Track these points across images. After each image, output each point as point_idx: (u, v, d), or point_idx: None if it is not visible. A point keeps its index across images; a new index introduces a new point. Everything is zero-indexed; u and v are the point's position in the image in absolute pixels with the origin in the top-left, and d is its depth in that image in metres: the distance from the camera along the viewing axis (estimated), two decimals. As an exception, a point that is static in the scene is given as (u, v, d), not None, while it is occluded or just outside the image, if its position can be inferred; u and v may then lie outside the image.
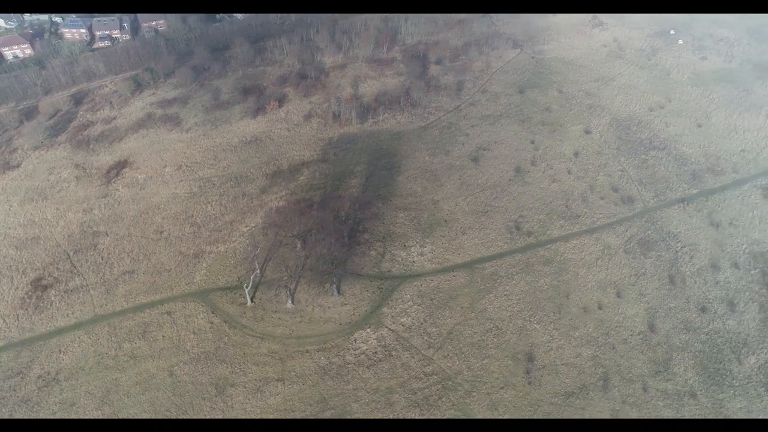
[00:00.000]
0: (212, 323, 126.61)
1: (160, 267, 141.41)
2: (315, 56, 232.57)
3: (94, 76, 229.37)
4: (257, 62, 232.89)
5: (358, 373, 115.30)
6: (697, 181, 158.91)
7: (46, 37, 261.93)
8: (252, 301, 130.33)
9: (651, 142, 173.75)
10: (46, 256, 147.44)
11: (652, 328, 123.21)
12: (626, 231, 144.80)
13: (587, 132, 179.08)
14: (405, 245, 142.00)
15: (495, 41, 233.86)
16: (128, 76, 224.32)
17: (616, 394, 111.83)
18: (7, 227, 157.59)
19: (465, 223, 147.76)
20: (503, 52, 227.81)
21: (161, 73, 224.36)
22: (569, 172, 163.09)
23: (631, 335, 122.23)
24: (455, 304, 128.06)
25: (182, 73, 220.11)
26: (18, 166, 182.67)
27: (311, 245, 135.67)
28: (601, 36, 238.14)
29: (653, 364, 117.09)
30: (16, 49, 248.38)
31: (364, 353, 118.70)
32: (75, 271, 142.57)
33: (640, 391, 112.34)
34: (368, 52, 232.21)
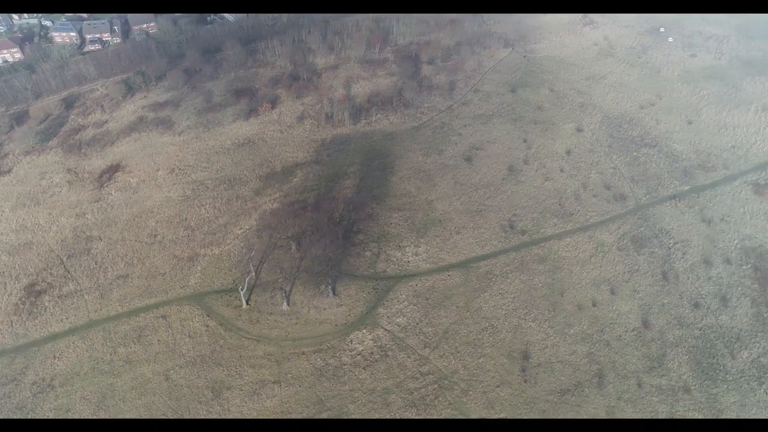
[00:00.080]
0: (208, 326, 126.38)
1: (154, 271, 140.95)
2: (307, 57, 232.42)
3: (85, 79, 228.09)
4: (249, 64, 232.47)
5: (355, 374, 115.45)
6: (689, 177, 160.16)
7: (35, 40, 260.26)
8: (247, 303, 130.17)
9: (642, 140, 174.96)
10: (39, 261, 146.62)
11: (646, 324, 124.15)
12: (619, 228, 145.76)
13: (579, 130, 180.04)
14: (400, 245, 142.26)
15: (487, 41, 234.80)
16: (119, 79, 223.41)
17: (611, 391, 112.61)
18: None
19: (459, 222, 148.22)
20: (495, 52, 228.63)
21: (153, 76, 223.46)
22: (562, 171, 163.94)
23: (626, 332, 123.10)
24: (450, 304, 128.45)
25: (174, 76, 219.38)
26: (9, 171, 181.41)
27: (306, 247, 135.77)
28: (592, 34, 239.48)
29: (648, 360, 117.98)
30: (5, 53, 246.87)
31: (360, 354, 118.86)
32: (69, 276, 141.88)
33: (635, 387, 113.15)
34: (360, 52, 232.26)
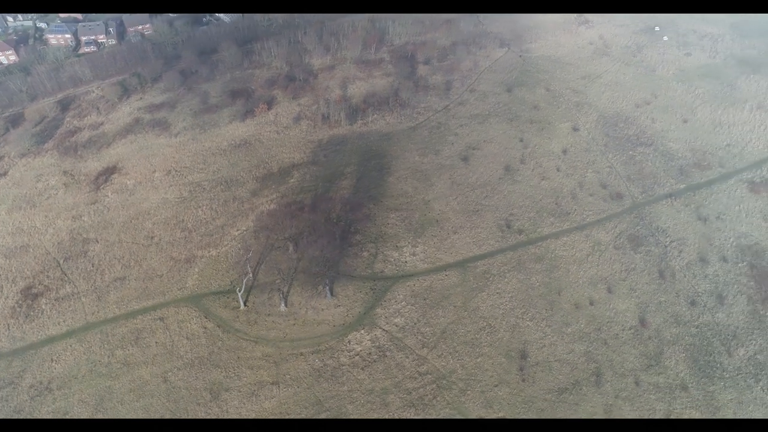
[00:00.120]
0: (205, 328, 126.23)
1: (151, 273, 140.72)
2: (303, 58, 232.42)
3: (81, 81, 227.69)
4: (245, 65, 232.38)
5: (353, 375, 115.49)
6: (684, 176, 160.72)
7: (30, 42, 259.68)
8: (245, 304, 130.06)
9: (638, 138, 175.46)
10: (35, 264, 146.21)
11: (643, 322, 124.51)
12: (616, 227, 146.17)
13: (575, 129, 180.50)
14: (397, 246, 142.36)
15: (482, 40, 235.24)
16: (115, 81, 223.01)
17: (609, 389, 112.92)
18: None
19: (456, 222, 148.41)
20: (491, 51, 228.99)
21: (148, 77, 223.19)
22: (558, 170, 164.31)
23: (623, 330, 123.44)
24: (448, 304, 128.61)
25: (170, 78, 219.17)
26: (5, 174, 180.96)
27: (303, 248, 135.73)
28: (587, 34, 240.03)
29: (645, 358, 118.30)
30: (0, 55, 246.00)
31: (358, 354, 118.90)
32: (65, 278, 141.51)
33: (633, 386, 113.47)
34: (356, 53, 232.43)
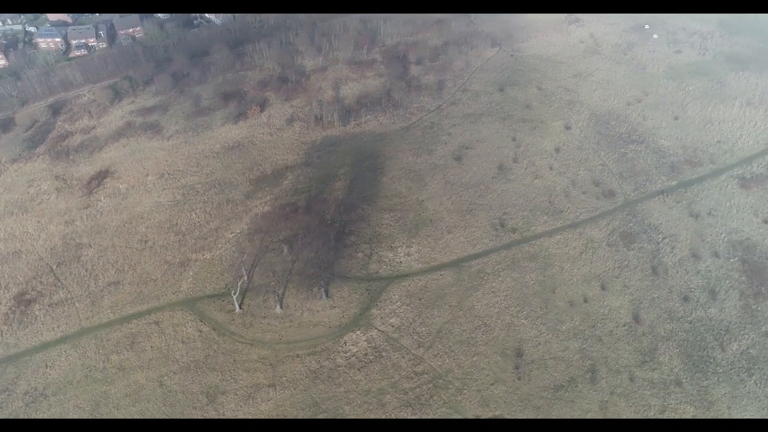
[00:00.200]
0: (201, 331, 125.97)
1: (145, 277, 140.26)
2: (295, 59, 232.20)
3: (72, 85, 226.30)
4: (237, 67, 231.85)
5: (349, 376, 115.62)
6: (676, 172, 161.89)
7: (20, 47, 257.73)
8: (240, 307, 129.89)
9: (630, 136, 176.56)
10: (28, 270, 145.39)
11: (637, 319, 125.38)
12: (608, 224, 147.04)
13: (567, 128, 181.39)
14: (392, 246, 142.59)
15: (474, 40, 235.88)
16: (106, 84, 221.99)
17: (604, 386, 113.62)
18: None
19: (450, 222, 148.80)
20: (482, 51, 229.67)
21: (140, 80, 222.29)
22: (551, 168, 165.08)
23: (617, 327, 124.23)
24: (443, 303, 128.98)
25: (161, 81, 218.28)
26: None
27: (298, 249, 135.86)
28: (578, 32, 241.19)
29: (639, 354, 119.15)
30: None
31: (354, 355, 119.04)
32: (59, 284, 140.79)
33: (627, 382, 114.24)
34: (348, 54, 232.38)
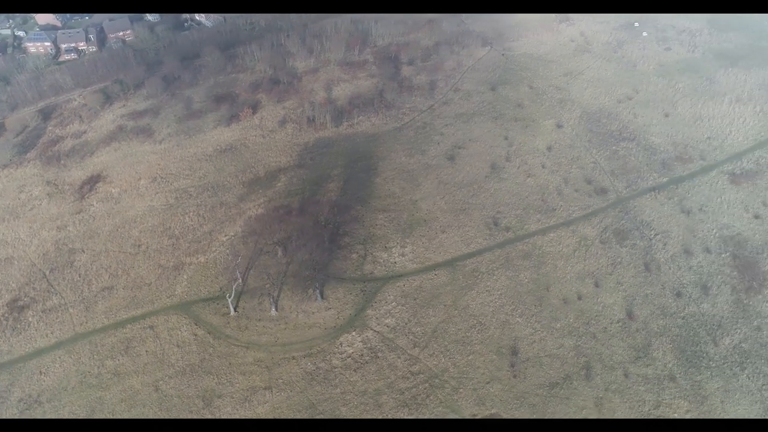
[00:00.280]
0: (196, 335, 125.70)
1: (139, 281, 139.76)
2: (287, 61, 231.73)
3: (62, 89, 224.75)
4: (228, 69, 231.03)
5: (346, 377, 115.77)
6: (667, 169, 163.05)
7: (9, 51, 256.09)
8: (235, 310, 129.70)
9: (621, 134, 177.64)
10: (21, 276, 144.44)
11: (630, 315, 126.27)
12: (601, 222, 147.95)
13: (559, 126, 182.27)
14: (386, 246, 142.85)
15: (465, 40, 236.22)
16: (97, 88, 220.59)
17: (599, 382, 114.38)
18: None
19: (444, 221, 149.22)
20: (473, 51, 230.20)
21: (131, 84, 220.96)
22: (543, 167, 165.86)
23: (611, 323, 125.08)
24: (438, 303, 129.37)
25: (152, 84, 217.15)
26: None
27: (292, 251, 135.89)
28: (568, 31, 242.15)
29: (633, 350, 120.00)
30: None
31: (350, 356, 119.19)
32: (52, 290, 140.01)
33: (622, 378, 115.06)
34: (340, 55, 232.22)
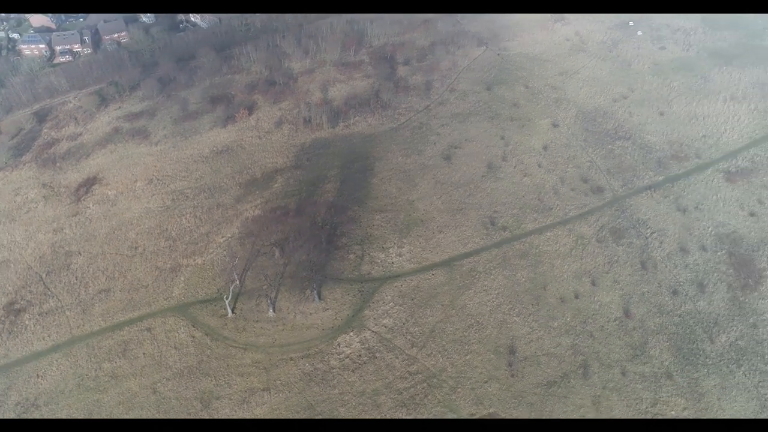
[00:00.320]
0: (194, 337, 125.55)
1: (136, 283, 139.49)
2: (282, 62, 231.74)
3: (57, 92, 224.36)
4: (224, 71, 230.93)
5: (344, 377, 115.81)
6: (663, 168, 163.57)
7: (3, 54, 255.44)
8: (233, 312, 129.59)
9: (616, 132, 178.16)
10: (17, 279, 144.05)
11: (627, 313, 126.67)
12: (597, 220, 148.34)
13: (555, 125, 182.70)
14: (383, 247, 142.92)
15: (460, 40, 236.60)
16: (92, 90, 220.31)
17: (597, 381, 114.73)
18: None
19: (441, 221, 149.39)
20: (469, 51, 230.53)
21: (126, 86, 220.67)
22: (540, 166, 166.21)
23: (608, 322, 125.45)
24: (436, 303, 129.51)
25: (148, 86, 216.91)
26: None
27: (289, 252, 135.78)
28: (564, 30, 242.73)
29: (630, 348, 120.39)
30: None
31: (348, 357, 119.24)
32: (49, 293, 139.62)
33: (619, 376, 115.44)
34: (335, 55, 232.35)
